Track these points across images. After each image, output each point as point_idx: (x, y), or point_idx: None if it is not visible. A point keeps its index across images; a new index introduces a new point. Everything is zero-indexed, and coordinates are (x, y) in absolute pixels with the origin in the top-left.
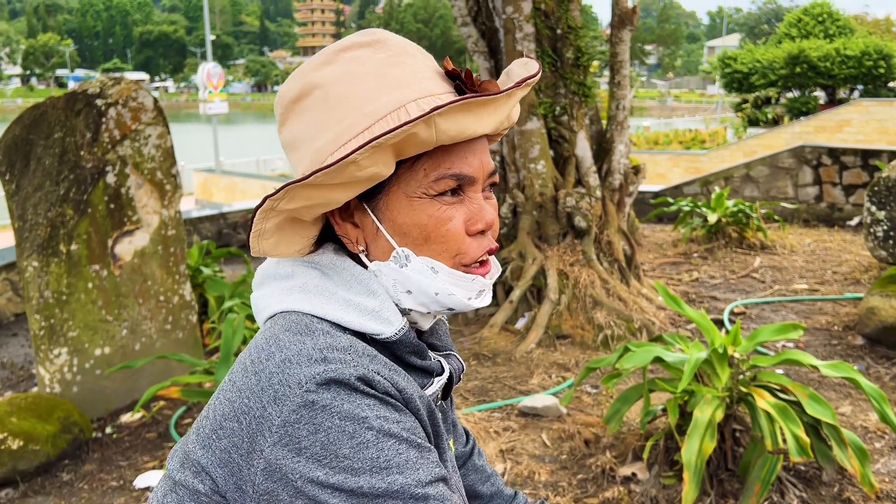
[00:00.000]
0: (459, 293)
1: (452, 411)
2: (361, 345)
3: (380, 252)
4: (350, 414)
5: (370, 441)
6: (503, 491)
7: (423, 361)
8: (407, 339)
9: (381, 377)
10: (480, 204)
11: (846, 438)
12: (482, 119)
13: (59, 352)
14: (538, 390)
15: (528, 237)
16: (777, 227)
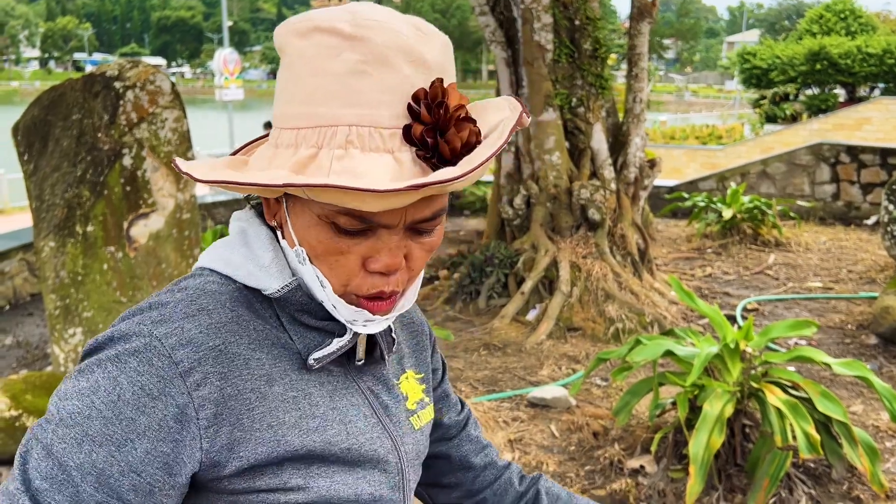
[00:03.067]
0: (344, 313)
1: (444, 376)
2: (195, 302)
3: (287, 238)
4: (89, 365)
5: (72, 387)
6: (496, 462)
7: (317, 321)
8: (293, 298)
9: (159, 343)
10: (391, 247)
11: (857, 436)
12: (365, 202)
13: (73, 331)
14: (548, 381)
15: (542, 229)
16: (792, 225)
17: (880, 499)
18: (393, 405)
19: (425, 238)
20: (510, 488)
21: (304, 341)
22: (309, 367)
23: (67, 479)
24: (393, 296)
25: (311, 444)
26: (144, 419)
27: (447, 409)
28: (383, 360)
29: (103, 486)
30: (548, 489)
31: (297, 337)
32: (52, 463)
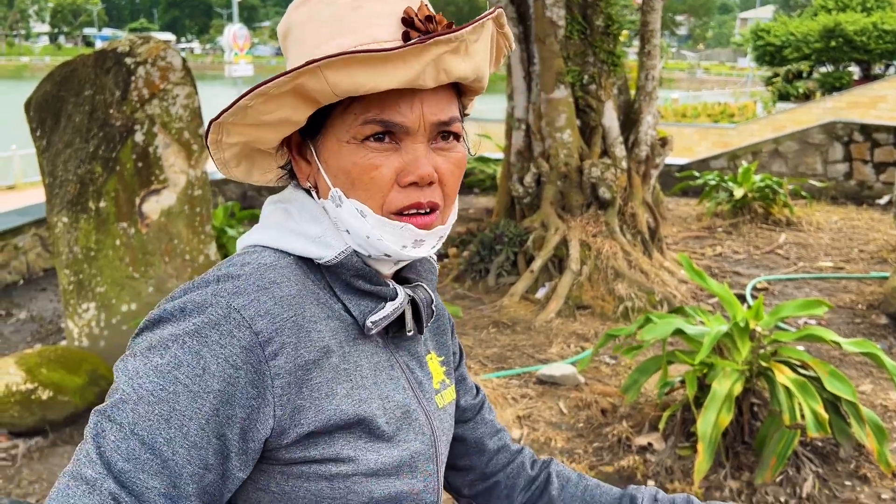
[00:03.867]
0: (390, 240)
1: (461, 361)
2: (272, 272)
3: (323, 190)
4: (164, 339)
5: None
6: (509, 446)
7: (371, 286)
8: (349, 263)
9: (240, 315)
10: (417, 156)
11: (865, 416)
12: (383, 74)
13: (87, 306)
14: (556, 359)
15: (552, 207)
16: (804, 204)
17: (887, 477)
18: (425, 381)
19: (449, 153)
20: (522, 472)
21: (358, 308)
22: (367, 330)
23: (155, 456)
24: (433, 212)
25: (362, 414)
26: (229, 389)
27: (464, 393)
28: (422, 330)
29: (194, 457)
30: (559, 472)
31: (352, 304)
32: (136, 442)
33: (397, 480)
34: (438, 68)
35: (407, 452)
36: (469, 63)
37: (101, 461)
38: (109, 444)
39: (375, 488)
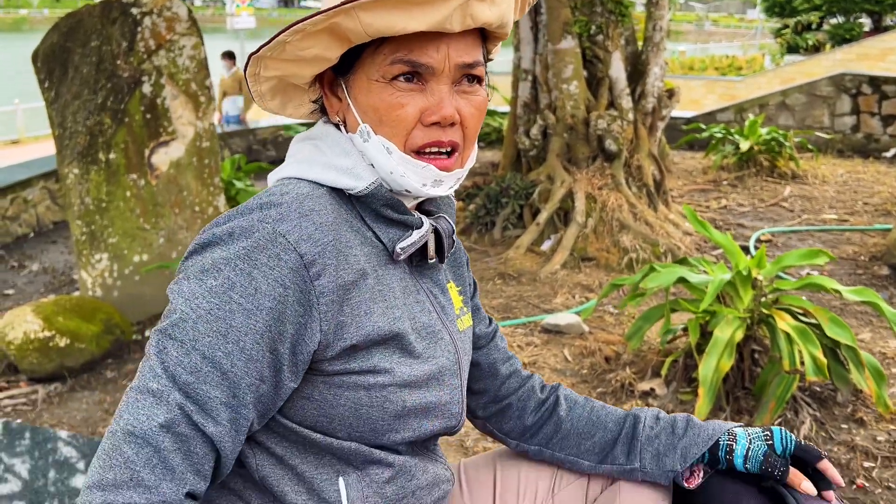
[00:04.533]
0: (412, 177)
1: (475, 293)
2: (310, 202)
3: (352, 125)
4: (216, 262)
5: (205, 287)
6: (520, 371)
7: (399, 215)
8: (379, 193)
9: (284, 239)
10: (441, 97)
11: (864, 360)
12: (413, 16)
13: (100, 257)
14: (561, 309)
15: (558, 159)
16: (810, 157)
17: (884, 420)
18: (447, 306)
19: (472, 96)
20: (532, 395)
21: (387, 235)
22: (395, 256)
23: (216, 369)
24: (453, 153)
25: (396, 330)
26: (280, 307)
27: (478, 322)
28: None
29: (250, 370)
30: (566, 395)
31: (381, 232)
32: (198, 356)
33: (427, 392)
34: (465, 13)
35: (435, 367)
36: (495, 10)
37: (165, 375)
38: (172, 359)
39: (408, 398)
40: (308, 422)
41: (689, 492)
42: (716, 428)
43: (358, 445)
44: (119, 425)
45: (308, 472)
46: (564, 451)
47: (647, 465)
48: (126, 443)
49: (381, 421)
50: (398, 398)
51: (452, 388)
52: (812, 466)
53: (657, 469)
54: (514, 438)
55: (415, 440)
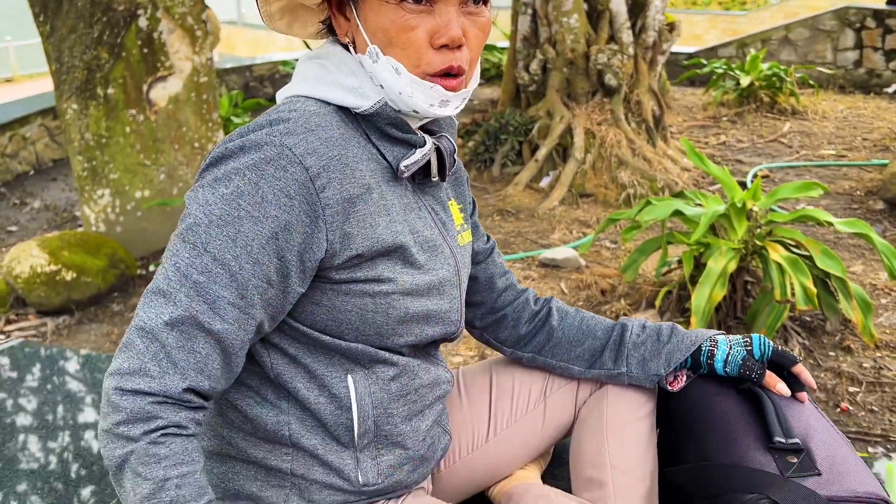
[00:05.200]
0: (420, 98)
1: (474, 210)
2: (316, 118)
3: (361, 46)
4: (229, 173)
5: (217, 194)
6: (516, 285)
7: (403, 134)
8: (384, 112)
9: (291, 153)
10: (449, 19)
11: (853, 291)
12: None
13: (101, 193)
14: (559, 244)
15: (557, 95)
16: (811, 93)
17: (869, 348)
18: (448, 222)
19: (477, 17)
20: (527, 307)
21: (392, 153)
22: (399, 173)
23: (225, 270)
24: (460, 74)
25: (398, 242)
26: (285, 216)
27: (477, 238)
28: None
29: (257, 272)
30: (558, 307)
31: (386, 150)
32: (209, 259)
33: (428, 300)
34: None
35: (436, 278)
36: None
37: (177, 276)
38: (184, 260)
39: (410, 305)
40: (318, 325)
41: (672, 394)
42: (698, 335)
43: (364, 347)
44: (134, 322)
45: (319, 370)
46: (556, 357)
47: (634, 370)
48: (138, 337)
49: (385, 326)
50: (401, 305)
51: (452, 298)
52: (788, 371)
53: (642, 373)
54: (509, 347)
55: (417, 344)
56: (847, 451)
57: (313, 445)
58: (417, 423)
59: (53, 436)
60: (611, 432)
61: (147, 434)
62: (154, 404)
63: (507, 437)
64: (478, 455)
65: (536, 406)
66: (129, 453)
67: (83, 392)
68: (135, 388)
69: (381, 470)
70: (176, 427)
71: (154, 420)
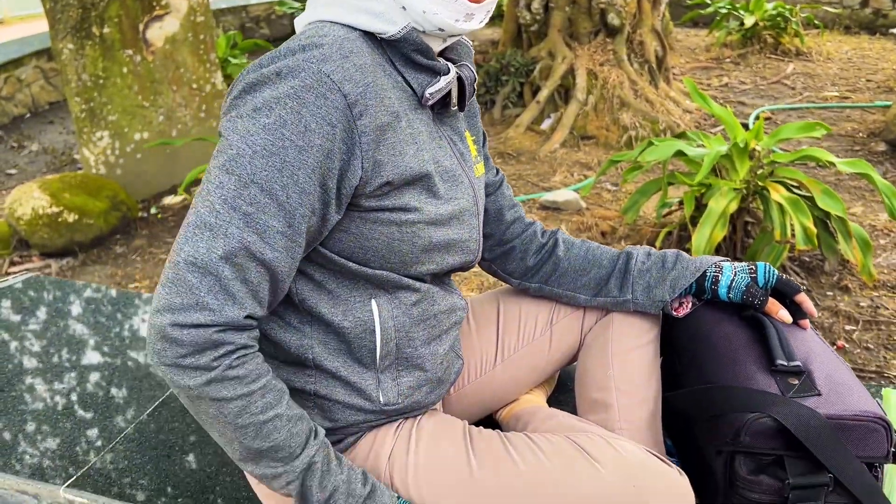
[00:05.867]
0: (444, 13)
1: (485, 142)
2: (348, 44)
3: None
4: (268, 101)
5: (258, 124)
6: (524, 218)
7: (428, 60)
8: (411, 38)
9: (329, 79)
10: None
11: (852, 231)
12: None
13: (101, 135)
14: (560, 187)
15: (559, 35)
16: (816, 34)
17: (867, 288)
18: (465, 153)
19: None
20: (534, 239)
21: (416, 80)
22: (424, 101)
23: (273, 200)
24: None
25: (424, 171)
26: (328, 144)
27: (487, 170)
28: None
29: (304, 202)
30: (564, 238)
31: (411, 77)
32: (256, 189)
33: (450, 229)
34: None
35: (457, 207)
36: None
37: (224, 208)
38: (231, 192)
39: (434, 234)
40: (345, 253)
41: (676, 321)
42: (703, 261)
43: (388, 274)
44: (181, 257)
45: (343, 295)
46: (562, 287)
47: (639, 297)
48: (189, 272)
49: (410, 254)
50: (426, 234)
51: (471, 228)
52: (790, 299)
53: (647, 300)
54: (517, 278)
55: (437, 272)
56: (847, 374)
57: (336, 367)
58: (435, 347)
59: (69, 369)
60: (616, 357)
61: (219, 360)
62: (218, 333)
63: (515, 362)
64: (486, 379)
65: (543, 333)
66: (206, 381)
67: (96, 324)
68: (195, 322)
69: (401, 391)
70: (243, 349)
71: (222, 346)
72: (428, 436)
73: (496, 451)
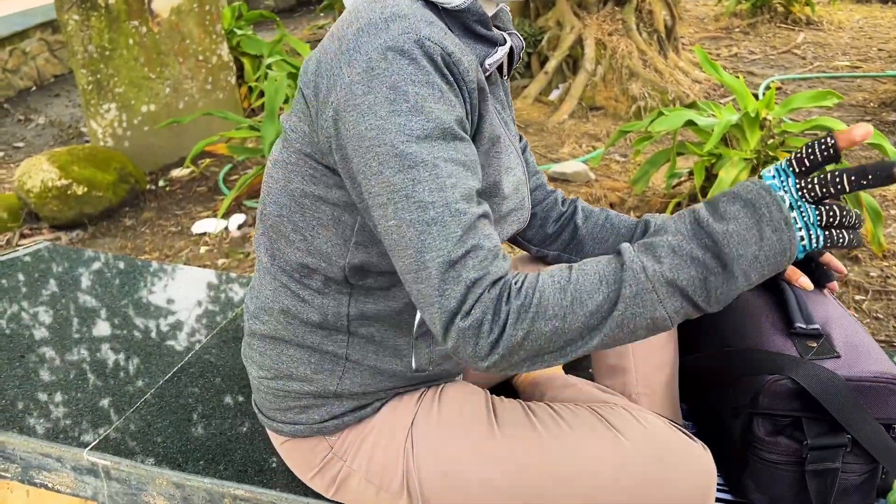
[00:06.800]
0: None
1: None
2: (422, 12)
3: None
4: (394, 85)
5: (402, 112)
6: (545, 185)
7: (487, 31)
8: (474, 8)
9: (432, 43)
10: None
11: (863, 200)
12: None
13: (108, 107)
14: (568, 158)
15: (567, 4)
16: (827, 3)
17: (876, 258)
18: (510, 122)
19: None
20: (555, 206)
21: (475, 50)
22: (484, 71)
23: (460, 165)
24: None
25: (497, 135)
26: (456, 99)
27: None
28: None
29: (469, 150)
30: (583, 207)
31: (470, 47)
32: (449, 165)
33: (513, 200)
34: None
35: (515, 178)
36: None
37: (435, 196)
38: (428, 182)
39: (503, 205)
40: None
41: None
42: None
43: None
44: (431, 264)
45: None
46: (580, 254)
47: None
48: (448, 272)
49: None
50: (497, 207)
51: (524, 197)
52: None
53: None
54: (536, 245)
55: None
56: (865, 336)
57: (371, 332)
58: None
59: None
60: None
61: (508, 304)
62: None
63: None
64: None
65: None
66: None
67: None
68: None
69: (433, 357)
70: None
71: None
72: (450, 403)
73: (519, 419)
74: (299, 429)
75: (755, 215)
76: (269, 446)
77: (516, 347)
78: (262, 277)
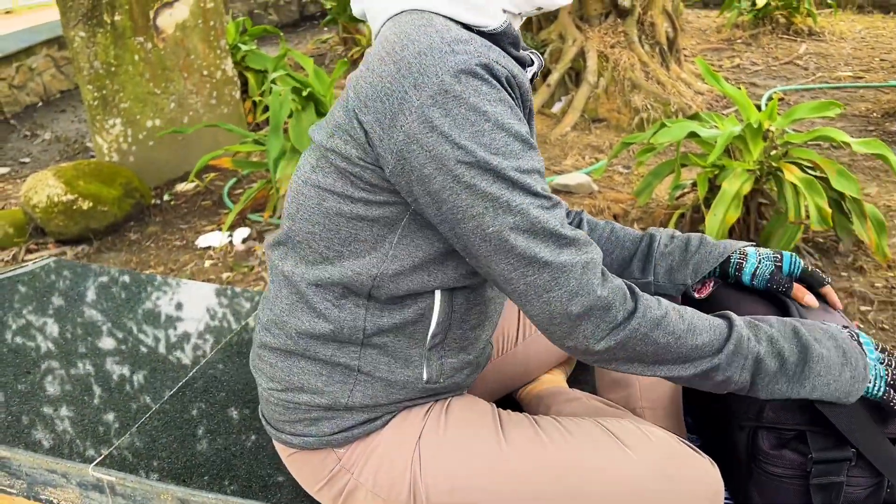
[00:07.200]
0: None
1: None
2: (478, 37)
3: None
4: (474, 106)
5: (486, 130)
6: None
7: (519, 52)
8: (509, 31)
9: (499, 65)
10: None
11: (867, 212)
12: None
13: (113, 122)
14: (571, 170)
15: (570, 17)
16: (829, 13)
17: (881, 268)
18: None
19: None
20: None
21: None
22: None
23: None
24: None
25: None
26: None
27: None
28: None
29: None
30: (588, 219)
31: None
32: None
33: None
34: None
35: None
36: None
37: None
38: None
39: None
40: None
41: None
42: (727, 246)
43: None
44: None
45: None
46: None
47: (660, 279)
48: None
49: None
50: None
51: None
52: (816, 291)
53: (669, 283)
54: None
55: None
56: None
57: (384, 342)
58: (480, 332)
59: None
60: None
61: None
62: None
63: (536, 341)
64: (507, 358)
65: None
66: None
67: (117, 307)
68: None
69: (444, 370)
70: None
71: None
72: (458, 417)
73: (526, 433)
74: (308, 441)
75: (844, 356)
76: (273, 462)
77: (631, 341)
78: (279, 290)
